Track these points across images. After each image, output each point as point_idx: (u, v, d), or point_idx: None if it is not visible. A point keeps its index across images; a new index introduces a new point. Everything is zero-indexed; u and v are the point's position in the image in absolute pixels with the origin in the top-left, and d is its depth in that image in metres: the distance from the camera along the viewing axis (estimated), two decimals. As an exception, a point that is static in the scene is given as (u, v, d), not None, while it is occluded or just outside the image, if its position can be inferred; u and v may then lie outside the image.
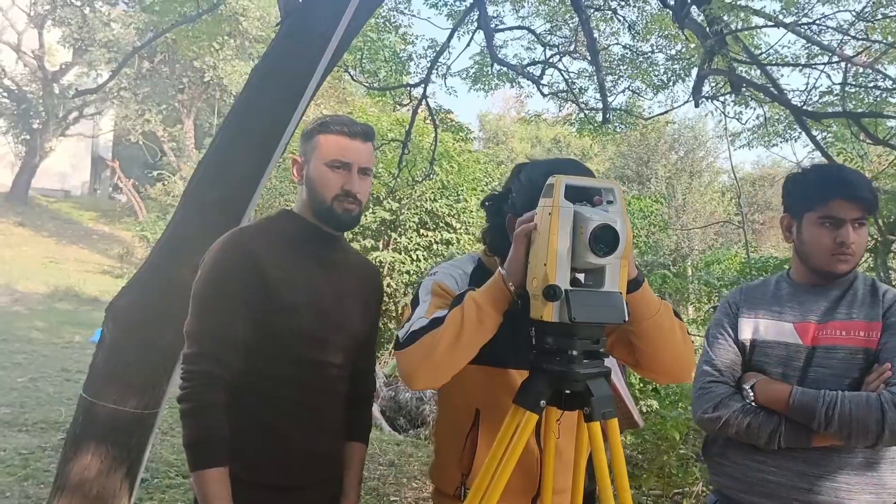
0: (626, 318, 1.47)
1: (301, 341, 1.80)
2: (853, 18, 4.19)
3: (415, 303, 1.71)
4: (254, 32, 17.15)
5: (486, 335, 1.56)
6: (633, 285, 1.58)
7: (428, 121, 6.87)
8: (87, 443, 3.10)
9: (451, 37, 5.96)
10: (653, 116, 7.51)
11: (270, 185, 11.03)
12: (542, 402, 1.48)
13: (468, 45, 6.06)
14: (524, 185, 1.68)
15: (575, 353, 1.47)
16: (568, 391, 1.50)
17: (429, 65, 6.24)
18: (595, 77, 6.20)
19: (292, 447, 1.80)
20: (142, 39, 17.76)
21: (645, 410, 4.62)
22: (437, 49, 6.33)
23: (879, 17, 4.22)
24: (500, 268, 1.56)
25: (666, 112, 7.64)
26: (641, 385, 4.20)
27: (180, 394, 1.71)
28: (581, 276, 1.52)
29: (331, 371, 1.85)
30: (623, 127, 7.39)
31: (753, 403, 1.87)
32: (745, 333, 1.98)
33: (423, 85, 6.19)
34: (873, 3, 4.17)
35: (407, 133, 6.32)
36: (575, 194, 1.49)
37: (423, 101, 6.26)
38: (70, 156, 24.26)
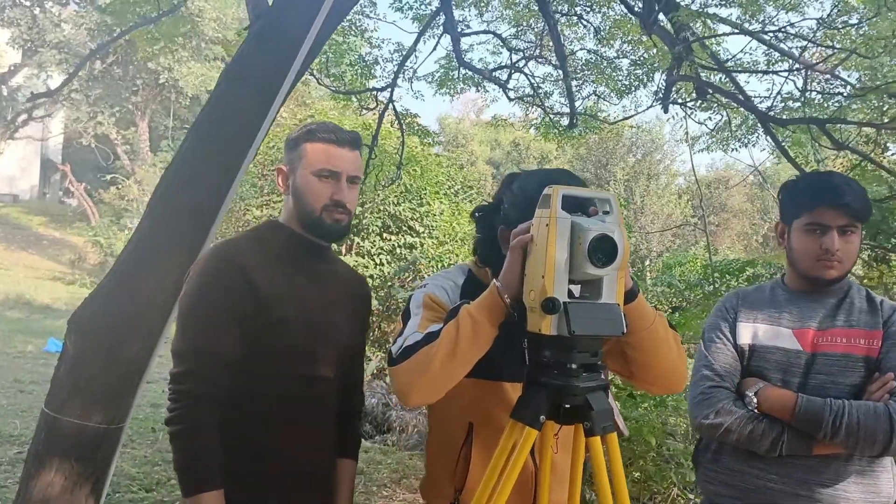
0: (625, 331, 1.45)
1: (292, 356, 1.75)
2: (815, 26, 4.27)
3: (406, 316, 1.67)
4: (210, 34, 16.89)
5: (482, 349, 1.53)
6: (629, 296, 1.56)
7: (393, 125, 6.82)
8: (51, 459, 2.99)
9: (417, 41, 5.93)
10: (618, 121, 7.58)
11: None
12: (541, 417, 1.45)
13: (434, 49, 6.04)
14: (517, 196, 1.65)
15: (574, 366, 1.45)
16: (567, 405, 1.47)
17: (395, 69, 6.20)
18: (560, 81, 6.23)
19: (289, 467, 1.75)
20: (94, 40, 17.39)
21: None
22: (404, 53, 6.30)
23: (840, 25, 4.30)
24: (494, 280, 1.53)
25: (630, 117, 7.72)
26: (615, 390, 4.22)
27: (169, 415, 1.65)
28: (576, 289, 1.50)
29: (322, 386, 1.81)
30: (588, 131, 7.44)
31: (756, 410, 1.85)
32: (744, 338, 1.96)
33: (389, 89, 6.15)
34: (838, 10, 4.26)
35: (374, 137, 6.26)
36: (571, 205, 1.46)
37: (390, 106, 6.21)
38: (18, 159, 23.64)
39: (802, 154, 7.15)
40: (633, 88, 6.82)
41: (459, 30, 5.96)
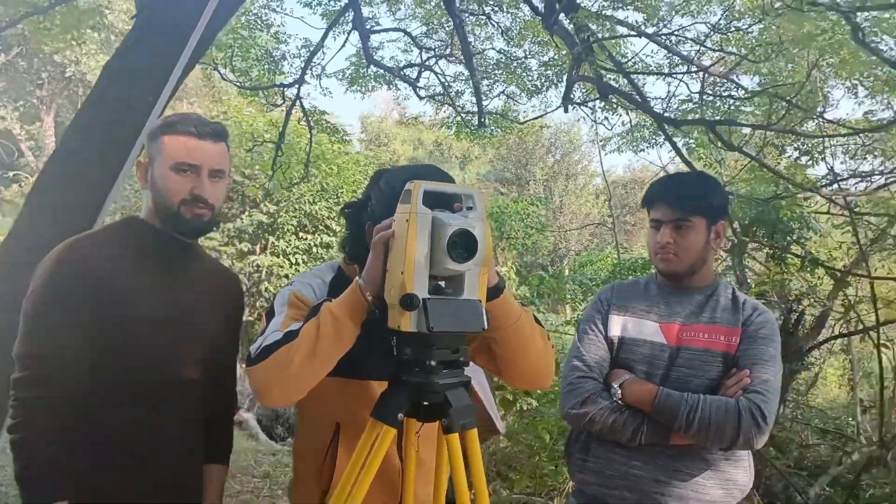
0: (486, 327, 1.45)
1: (152, 358, 1.67)
2: (709, 30, 4.42)
3: (270, 315, 1.62)
4: (120, 26, 16.29)
5: (344, 347, 1.50)
6: (494, 292, 1.56)
7: (304, 122, 6.73)
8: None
9: (325, 37, 5.84)
10: (528, 120, 7.67)
11: (139, 188, 10.51)
12: (399, 415, 1.44)
13: (343, 45, 5.96)
14: (383, 192, 1.63)
15: (433, 363, 1.44)
16: (426, 402, 1.46)
17: (303, 65, 6.10)
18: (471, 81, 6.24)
19: (145, 475, 1.67)
20: (-7, 32, 16.54)
21: (525, 408, 4.67)
22: (312, 49, 6.20)
23: (733, 29, 4.46)
24: (357, 278, 1.51)
25: (539, 117, 7.83)
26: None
27: (9, 423, 1.55)
28: (443, 284, 1.49)
29: (186, 388, 1.73)
30: (499, 131, 7.50)
31: (620, 402, 1.91)
32: (614, 330, 2.03)
33: (297, 85, 6.04)
34: (726, 16, 4.41)
35: (280, 134, 6.15)
36: (434, 200, 1.45)
37: (298, 102, 6.11)
38: (-86, 155, 22.35)
39: (706, 155, 7.38)
40: (543, 89, 6.92)
41: (369, 27, 5.91)
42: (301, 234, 10.82)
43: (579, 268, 10.73)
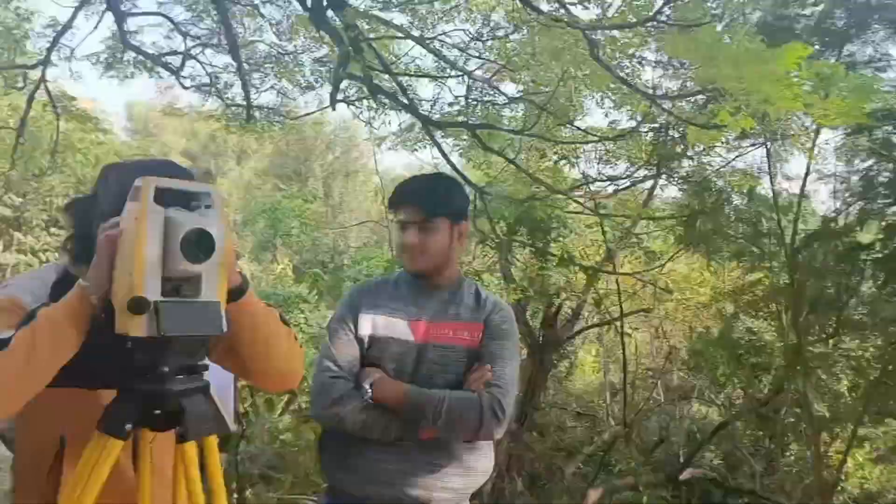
0: (224, 329, 1.41)
1: None
2: (469, 38, 4.63)
3: (-22, 322, 1.45)
4: None
5: (64, 356, 1.38)
6: (237, 293, 1.51)
7: (46, 108, 6.12)
8: None
9: (74, 16, 5.35)
10: (298, 117, 7.59)
11: None
12: (127, 426, 1.36)
13: (96, 27, 5.49)
14: (112, 188, 1.52)
15: (167, 369, 1.37)
16: (159, 411, 1.39)
17: (48, 45, 5.55)
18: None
19: None
20: None
21: (303, 407, 4.60)
22: (59, 29, 5.66)
23: (492, 38, 4.70)
24: (80, 280, 1.40)
25: (309, 114, 7.76)
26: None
27: None
28: (183, 286, 1.42)
29: None
30: (271, 125, 7.35)
31: (371, 401, 1.93)
32: (364, 329, 2.04)
33: (41, 67, 5.49)
34: (484, 24, 4.65)
35: (22, 120, 5.56)
36: (172, 199, 1.38)
37: (43, 86, 5.55)
38: None
39: (476, 156, 7.73)
40: (317, 85, 6.88)
41: (126, 9, 5.52)
42: (52, 230, 9.91)
43: (355, 264, 10.83)
